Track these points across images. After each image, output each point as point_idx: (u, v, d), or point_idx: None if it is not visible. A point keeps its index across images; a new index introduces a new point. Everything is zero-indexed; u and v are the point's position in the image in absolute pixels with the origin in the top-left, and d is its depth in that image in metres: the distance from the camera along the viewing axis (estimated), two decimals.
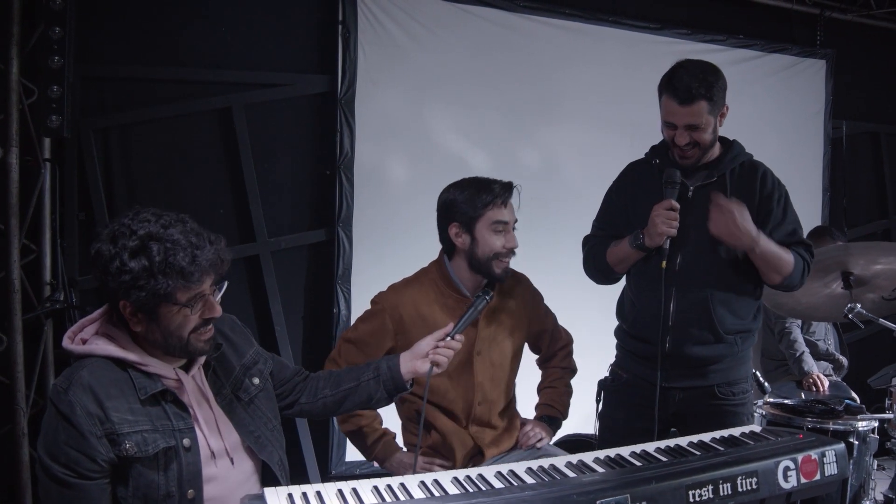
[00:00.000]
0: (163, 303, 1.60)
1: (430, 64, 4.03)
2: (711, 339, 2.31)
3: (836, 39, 5.12)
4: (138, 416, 1.60)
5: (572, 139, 4.41)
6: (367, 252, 3.96)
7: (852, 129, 5.24)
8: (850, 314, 2.70)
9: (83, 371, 1.58)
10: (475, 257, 2.27)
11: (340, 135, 3.83)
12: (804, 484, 1.74)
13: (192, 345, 1.67)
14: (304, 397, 2.03)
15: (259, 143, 3.76)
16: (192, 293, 1.62)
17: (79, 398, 1.54)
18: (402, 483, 1.59)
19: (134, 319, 1.62)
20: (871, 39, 5.30)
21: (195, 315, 1.65)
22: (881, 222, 5.50)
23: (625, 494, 1.51)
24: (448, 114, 4.13)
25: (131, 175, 3.56)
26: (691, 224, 2.27)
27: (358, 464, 3.96)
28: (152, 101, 3.55)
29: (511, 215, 2.29)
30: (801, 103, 4.95)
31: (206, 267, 1.61)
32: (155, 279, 1.56)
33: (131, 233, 1.57)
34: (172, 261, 1.57)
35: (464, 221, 2.27)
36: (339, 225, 3.88)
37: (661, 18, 4.54)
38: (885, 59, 5.42)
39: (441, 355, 1.96)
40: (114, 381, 1.60)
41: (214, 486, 1.70)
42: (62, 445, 1.54)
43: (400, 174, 4.06)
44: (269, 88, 3.78)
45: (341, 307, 3.90)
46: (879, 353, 5.50)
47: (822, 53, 5.03)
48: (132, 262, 1.55)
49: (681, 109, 2.24)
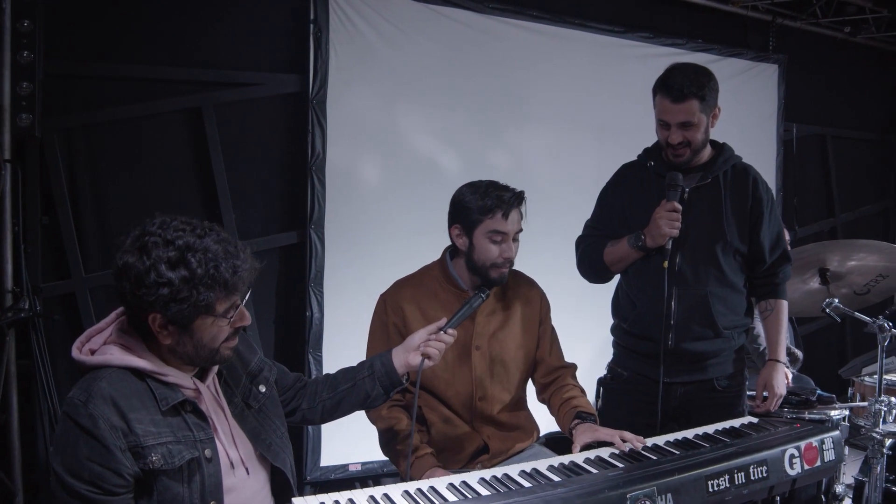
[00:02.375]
0: (200, 315, 1.56)
1: (401, 64, 4.02)
2: (711, 335, 2.40)
3: (788, 45, 5.33)
4: (161, 428, 1.55)
5: (541, 140, 4.46)
6: (340, 254, 3.92)
7: (802, 131, 5.45)
8: (827, 308, 2.81)
9: (102, 382, 1.52)
10: (473, 262, 2.28)
11: (312, 135, 3.78)
12: (807, 470, 1.83)
13: (221, 354, 1.64)
14: (304, 403, 2.02)
15: (229, 143, 3.68)
16: (230, 303, 1.59)
17: (101, 410, 1.48)
18: (431, 486, 1.60)
19: (164, 332, 1.57)
20: (819, 46, 5.53)
21: (227, 326, 1.62)
22: (828, 221, 5.74)
23: (651, 487, 1.56)
24: (419, 114, 4.12)
25: (97, 177, 3.44)
26: (689, 224, 2.35)
27: (333, 468, 3.93)
28: (119, 101, 3.43)
29: (513, 226, 2.26)
30: (756, 106, 5.13)
31: (245, 277, 1.59)
32: (197, 291, 1.52)
33: (166, 243, 1.52)
34: (215, 273, 1.53)
35: (464, 225, 2.28)
36: (312, 227, 3.83)
37: (625, 22, 4.63)
38: (831, 65, 5.67)
39: (433, 348, 1.97)
40: (134, 391, 1.55)
41: (234, 496, 1.67)
42: (84, 461, 1.47)
43: (372, 175, 4.04)
44: (240, 88, 3.70)
45: (314, 310, 3.85)
46: (829, 348, 5.76)
47: (775, 58, 5.23)
48: (171, 273, 1.51)
49: (673, 107, 2.32)
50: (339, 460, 3.96)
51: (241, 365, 1.82)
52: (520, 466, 1.71)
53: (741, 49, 5.09)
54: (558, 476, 1.67)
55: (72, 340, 3.41)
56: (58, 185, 3.33)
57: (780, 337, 2.48)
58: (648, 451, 1.84)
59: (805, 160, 5.55)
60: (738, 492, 1.68)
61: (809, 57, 5.50)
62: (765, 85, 5.19)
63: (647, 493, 1.54)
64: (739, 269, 2.44)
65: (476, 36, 4.22)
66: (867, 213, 6.01)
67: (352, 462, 4.00)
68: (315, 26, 3.77)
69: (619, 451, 1.84)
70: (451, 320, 2.01)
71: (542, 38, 4.40)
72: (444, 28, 4.13)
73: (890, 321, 2.66)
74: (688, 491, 1.60)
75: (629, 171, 2.59)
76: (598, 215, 2.63)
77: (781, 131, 5.27)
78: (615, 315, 2.62)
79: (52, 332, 3.30)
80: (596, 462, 1.76)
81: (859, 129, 5.94)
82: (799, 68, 5.38)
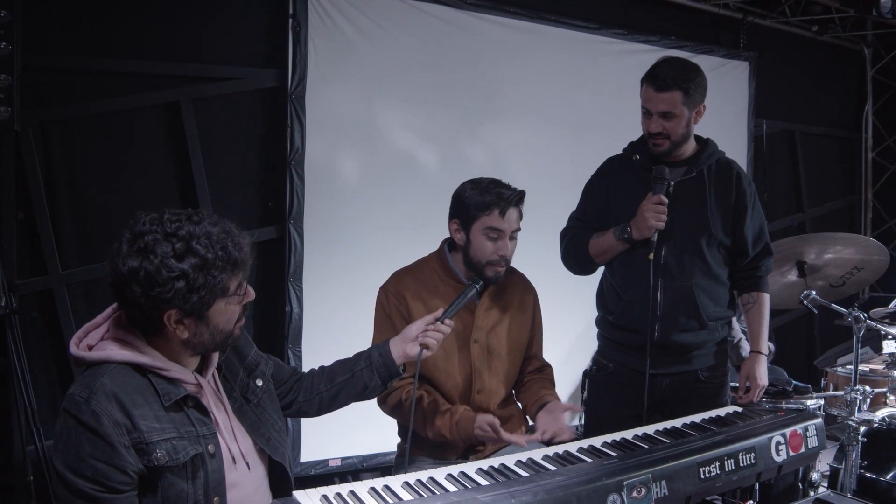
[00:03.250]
0: (217, 299, 1.56)
1: (379, 60, 4.02)
2: (696, 326, 2.45)
3: (758, 43, 5.43)
4: (164, 424, 1.54)
5: (517, 135, 4.50)
6: (319, 249, 3.91)
7: (772, 127, 5.57)
8: (805, 300, 2.89)
9: (104, 378, 1.51)
10: (469, 257, 2.32)
11: (291, 130, 3.77)
12: (792, 456, 1.88)
13: (234, 335, 1.66)
14: (301, 395, 2.03)
15: (208, 138, 3.65)
16: (238, 281, 1.60)
17: (104, 407, 1.47)
18: (431, 477, 1.61)
19: (180, 328, 1.56)
20: (788, 44, 5.65)
21: (238, 305, 1.62)
22: (797, 216, 5.87)
23: (646, 474, 1.59)
24: (397, 109, 4.13)
25: (74, 172, 3.38)
26: (674, 217, 2.40)
27: (313, 464, 3.93)
28: (96, 95, 3.38)
29: (510, 225, 2.29)
30: (727, 102, 5.21)
31: (249, 253, 1.60)
32: (212, 275, 1.52)
33: (167, 237, 1.51)
34: (223, 254, 1.54)
35: (463, 220, 2.32)
36: (290, 222, 3.81)
37: (600, 19, 4.68)
38: (799, 63, 5.79)
39: (431, 338, 2.00)
40: (136, 387, 1.54)
41: (236, 492, 1.66)
42: (88, 459, 1.45)
43: (350, 170, 4.03)
44: (219, 82, 3.68)
45: (293, 305, 3.84)
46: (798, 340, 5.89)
47: (746, 56, 5.32)
48: (182, 264, 1.50)
49: (655, 95, 2.38)
50: (319, 455, 3.96)
51: (237, 359, 1.81)
52: (515, 457, 1.73)
53: (713, 46, 5.18)
54: (554, 465, 1.69)
55: (49, 338, 3.40)
56: (34, 180, 3.27)
57: (762, 329, 2.55)
58: (640, 440, 1.87)
59: (775, 156, 5.66)
60: (729, 478, 1.72)
61: (779, 55, 5.61)
62: (736, 82, 5.29)
63: (643, 480, 1.57)
64: (723, 261, 2.51)
65: (453, 32, 4.24)
66: (834, 208, 6.15)
67: (332, 457, 4.00)
68: (294, 21, 3.76)
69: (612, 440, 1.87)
70: (447, 311, 2.04)
71: (518, 34, 4.44)
72: (423, 24, 4.14)
73: (864, 312, 2.74)
74: (681, 478, 1.64)
75: (614, 164, 2.63)
76: (582, 207, 2.66)
77: (752, 127, 5.38)
78: (600, 307, 2.66)
79: (29, 330, 3.25)
80: (590, 451, 1.79)
81: (827, 125, 6.08)
82: (769, 66, 5.49)
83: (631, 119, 2.96)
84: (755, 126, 5.40)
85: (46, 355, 3.39)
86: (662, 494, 1.59)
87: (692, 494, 1.66)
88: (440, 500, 1.46)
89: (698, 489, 1.67)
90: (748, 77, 5.34)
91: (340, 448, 4.01)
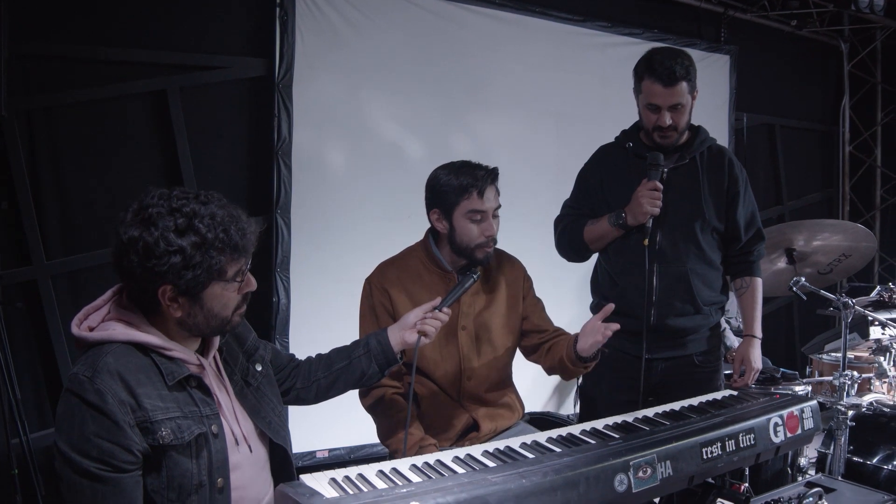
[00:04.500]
0: (212, 281, 1.54)
1: (366, 50, 4.01)
2: (692, 311, 2.48)
3: (739, 37, 5.50)
4: (168, 403, 1.53)
5: (501, 125, 4.52)
6: (306, 239, 3.90)
7: (752, 120, 5.64)
8: (794, 287, 2.93)
9: (107, 357, 1.49)
10: (455, 244, 2.29)
11: (278, 120, 3.74)
12: (789, 437, 1.91)
13: (232, 322, 1.64)
14: (299, 382, 2.02)
15: (195, 127, 3.62)
16: (238, 267, 1.59)
17: (108, 386, 1.45)
18: (438, 460, 1.61)
19: (174, 305, 1.55)
20: (768, 38, 5.73)
21: (236, 293, 1.61)
22: (776, 208, 5.95)
23: (652, 454, 1.61)
24: (384, 100, 4.13)
25: (59, 161, 3.33)
26: (668, 203, 2.43)
27: (300, 455, 3.91)
28: (82, 83, 3.33)
29: (490, 204, 2.26)
30: (709, 95, 5.26)
31: (252, 240, 1.59)
32: (209, 255, 1.51)
33: (171, 211, 1.50)
34: (224, 236, 1.52)
35: (442, 208, 2.28)
36: (278, 212, 3.79)
37: (584, 11, 4.71)
38: (779, 57, 5.87)
39: (429, 325, 2.00)
40: (140, 366, 1.52)
41: (239, 474, 1.66)
42: (92, 438, 1.44)
43: (338, 160, 4.02)
44: (206, 71, 3.64)
45: (280, 296, 3.82)
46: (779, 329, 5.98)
47: (727, 49, 5.38)
48: (181, 240, 1.49)
49: (665, 91, 2.38)
50: (306, 447, 3.94)
51: (237, 343, 1.81)
52: (520, 439, 1.74)
53: (694, 40, 5.23)
54: (559, 447, 1.70)
55: (34, 329, 3.35)
56: (18, 168, 3.21)
57: (755, 313, 2.58)
58: (641, 422, 1.89)
59: (755, 149, 5.74)
60: (730, 459, 1.74)
61: (759, 49, 5.69)
62: (717, 75, 5.35)
63: (648, 461, 1.59)
64: (717, 246, 2.54)
65: (440, 23, 4.25)
66: (812, 200, 6.25)
67: (318, 449, 4.00)
68: (281, 10, 3.74)
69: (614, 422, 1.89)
70: (445, 299, 2.05)
71: (503, 25, 4.46)
72: (410, 14, 4.14)
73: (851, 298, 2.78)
74: (684, 458, 1.66)
75: (607, 152, 2.65)
76: (576, 195, 2.68)
77: (733, 120, 5.44)
78: (595, 293, 2.68)
79: (13, 321, 3.20)
80: (592, 433, 1.80)
81: (805, 119, 6.17)
82: (749, 60, 5.56)
83: (614, 110, 3.00)
84: (736, 119, 5.46)
85: (31, 347, 3.34)
86: (667, 474, 1.61)
87: (695, 475, 1.69)
88: (450, 481, 1.46)
89: (701, 469, 1.69)
90: (729, 70, 5.41)
91: (327, 440, 4.00)
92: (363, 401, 2.35)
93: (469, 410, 2.32)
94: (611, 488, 1.52)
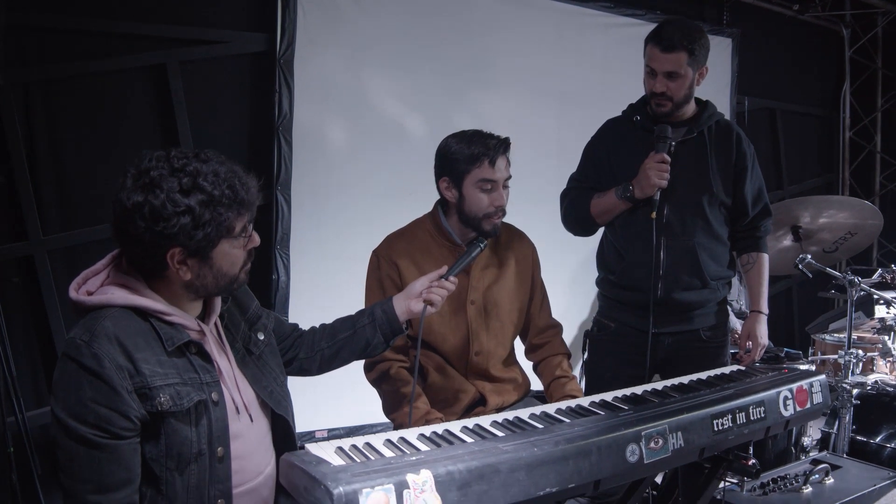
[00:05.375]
0: (222, 239, 1.51)
1: (368, 27, 3.97)
2: (699, 285, 2.47)
3: (741, 20, 5.45)
4: (167, 369, 1.50)
5: (504, 105, 4.48)
6: (306, 216, 3.87)
7: (753, 104, 5.61)
8: (800, 264, 2.91)
9: (105, 322, 1.46)
10: (464, 213, 2.27)
11: (279, 95, 3.69)
12: (799, 412, 1.89)
13: (240, 279, 1.62)
14: (302, 352, 1.99)
15: (195, 102, 3.57)
16: (244, 223, 1.56)
17: (106, 350, 1.42)
18: (446, 430, 1.58)
19: (183, 268, 1.52)
20: (770, 22, 5.69)
21: (242, 249, 1.59)
22: (776, 193, 5.92)
23: (663, 425, 1.59)
24: (387, 77, 4.08)
25: (56, 134, 3.27)
26: (675, 177, 2.41)
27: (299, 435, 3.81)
28: (81, 55, 3.26)
29: (501, 174, 2.25)
30: (711, 78, 5.15)
31: (256, 194, 1.58)
32: (217, 212, 1.48)
33: (173, 172, 1.48)
34: (230, 192, 1.50)
35: (453, 176, 2.26)
36: (278, 188, 3.75)
37: None
38: (780, 41, 5.83)
39: (435, 294, 1.97)
40: (138, 331, 1.49)
41: (240, 443, 1.62)
42: (89, 403, 1.40)
43: (339, 137, 3.98)
44: (206, 45, 3.58)
45: (280, 273, 3.79)
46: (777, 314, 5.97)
47: (729, 32, 5.34)
48: (188, 200, 1.46)
49: (661, 56, 2.38)
50: (305, 427, 3.92)
51: (239, 311, 1.77)
52: (529, 410, 1.71)
53: (697, 22, 5.17)
54: (569, 418, 1.68)
55: (30, 305, 3.31)
56: (14, 142, 3.16)
57: (762, 289, 2.57)
58: (650, 394, 1.87)
59: (756, 133, 5.70)
60: (740, 431, 1.72)
61: (761, 33, 5.65)
62: (719, 58, 5.31)
63: (660, 431, 1.57)
64: (724, 221, 2.53)
65: (443, 1, 4.21)
66: (812, 185, 6.23)
67: (318, 429, 3.97)
68: None
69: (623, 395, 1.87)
70: (451, 268, 2.01)
71: (508, 5, 4.41)
72: None
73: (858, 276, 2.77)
74: (696, 429, 1.64)
75: (614, 126, 2.64)
76: (582, 168, 2.66)
77: (734, 104, 5.40)
78: (601, 268, 2.67)
79: (9, 297, 3.16)
80: (601, 405, 1.78)
81: (806, 104, 6.14)
82: (751, 43, 5.52)
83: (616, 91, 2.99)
84: (737, 102, 5.43)
85: (26, 323, 3.30)
86: (679, 446, 1.60)
87: (706, 447, 1.67)
88: (460, 449, 1.44)
89: (711, 441, 1.67)
90: (731, 53, 5.37)
91: (327, 419, 3.98)
92: (368, 375, 2.33)
93: (476, 385, 2.30)
94: (623, 458, 1.50)
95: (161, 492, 1.51)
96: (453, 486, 1.30)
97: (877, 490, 2.33)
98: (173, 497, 1.51)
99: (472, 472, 1.33)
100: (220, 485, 1.57)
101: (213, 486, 1.56)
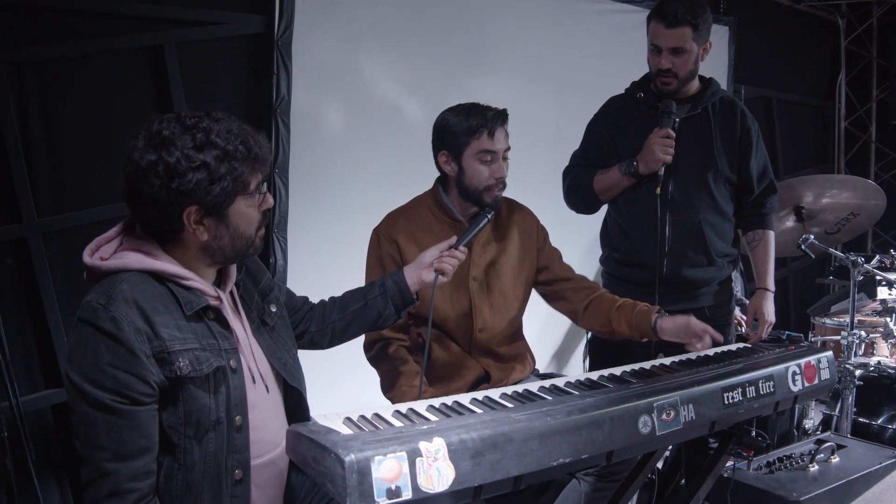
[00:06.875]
0: (238, 195, 1.50)
1: (367, 10, 3.93)
2: (704, 262, 2.46)
3: (738, 8, 5.44)
4: (186, 334, 1.47)
5: (501, 91, 4.43)
6: (304, 199, 3.83)
7: (750, 93, 5.60)
8: (803, 245, 2.90)
9: (123, 285, 1.43)
10: (464, 186, 2.25)
11: (277, 78, 3.65)
12: (807, 387, 1.89)
13: (255, 244, 1.60)
14: (313, 325, 1.98)
15: (191, 84, 3.51)
16: (258, 180, 1.55)
17: (123, 313, 1.39)
18: (456, 401, 1.57)
19: (200, 228, 1.50)
20: (766, 11, 5.69)
21: (257, 209, 1.57)
22: None
23: (675, 397, 1.58)
24: (384, 62, 4.05)
25: (50, 116, 3.22)
26: (680, 153, 2.40)
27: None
28: (76, 35, 3.19)
29: (501, 144, 2.24)
30: (708, 65, 5.14)
31: (268, 151, 1.56)
32: (232, 166, 1.47)
33: (185, 129, 1.45)
34: (243, 147, 1.48)
35: (451, 150, 2.25)
36: (276, 171, 3.71)
37: None
38: (777, 31, 5.83)
39: (446, 264, 1.97)
40: (156, 295, 1.46)
41: (256, 413, 1.60)
42: (107, 368, 1.37)
43: (337, 120, 3.95)
44: (203, 27, 3.53)
45: (278, 257, 3.75)
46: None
47: (726, 20, 5.33)
48: (202, 155, 1.44)
49: (666, 32, 2.36)
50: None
51: (251, 283, 1.75)
52: (538, 383, 1.70)
53: None
54: (578, 391, 1.66)
55: (24, 288, 3.26)
56: (7, 123, 3.09)
57: (768, 266, 2.56)
58: (659, 369, 1.86)
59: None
60: (750, 405, 1.72)
61: (757, 21, 5.64)
62: (716, 46, 5.23)
63: (672, 403, 1.56)
64: (730, 197, 2.52)
65: None
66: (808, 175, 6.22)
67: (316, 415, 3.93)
68: None
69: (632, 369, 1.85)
70: (461, 238, 2.01)
71: None
72: None
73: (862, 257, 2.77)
74: (706, 402, 1.63)
75: (617, 103, 2.63)
76: (585, 146, 2.65)
77: (731, 92, 5.39)
78: (605, 246, 2.66)
79: (3, 279, 3.12)
80: (610, 378, 1.77)
81: (802, 94, 6.15)
82: (747, 32, 5.51)
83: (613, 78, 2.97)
84: (734, 91, 5.42)
85: (20, 306, 3.25)
86: (690, 418, 1.59)
87: (716, 420, 1.66)
88: (472, 418, 1.42)
89: (722, 415, 1.67)
90: (728, 42, 5.37)
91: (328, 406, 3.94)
92: (368, 353, 2.31)
93: (481, 362, 2.28)
94: (635, 430, 1.49)
95: (178, 461, 1.48)
96: (466, 455, 1.29)
97: (882, 468, 2.33)
98: (191, 466, 1.49)
99: (485, 440, 1.31)
100: (238, 455, 1.55)
101: (230, 455, 1.53)
